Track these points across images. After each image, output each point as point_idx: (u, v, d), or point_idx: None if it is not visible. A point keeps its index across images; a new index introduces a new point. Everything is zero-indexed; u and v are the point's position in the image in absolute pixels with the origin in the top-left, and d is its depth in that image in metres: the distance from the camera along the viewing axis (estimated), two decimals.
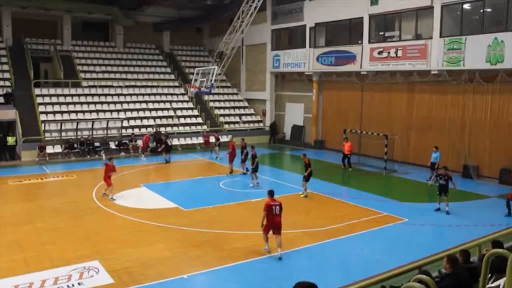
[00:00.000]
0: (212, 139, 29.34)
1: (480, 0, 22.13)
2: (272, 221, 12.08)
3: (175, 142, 31.00)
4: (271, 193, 12.44)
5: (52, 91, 31.46)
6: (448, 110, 24.06)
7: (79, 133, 28.64)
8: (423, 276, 5.05)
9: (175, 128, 32.24)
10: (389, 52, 26.08)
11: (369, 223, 15.30)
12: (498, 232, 12.05)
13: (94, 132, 29.12)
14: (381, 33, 27.68)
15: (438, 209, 16.65)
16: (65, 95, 31.37)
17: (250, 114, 37.12)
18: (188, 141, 31.75)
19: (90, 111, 30.75)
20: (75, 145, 27.86)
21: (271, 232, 12.19)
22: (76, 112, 30.30)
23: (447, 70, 23.47)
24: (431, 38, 23.98)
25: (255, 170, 20.45)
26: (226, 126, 34.58)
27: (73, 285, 10.34)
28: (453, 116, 23.80)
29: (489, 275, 5.84)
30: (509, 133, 21.42)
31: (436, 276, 7.85)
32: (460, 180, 22.28)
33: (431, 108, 24.97)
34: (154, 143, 29.43)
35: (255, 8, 30.46)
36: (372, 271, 10.24)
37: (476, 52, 21.77)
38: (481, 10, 22.52)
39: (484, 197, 19.06)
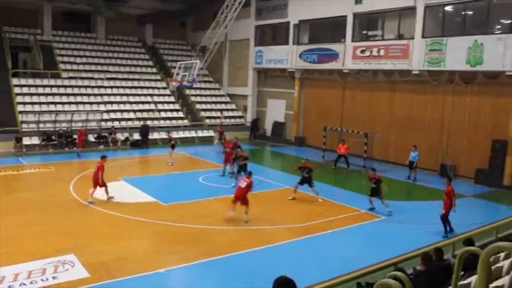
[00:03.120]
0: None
1: (462, 2, 22.41)
2: (239, 192, 14.77)
3: (155, 135, 30.86)
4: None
5: (30, 81, 30.95)
6: (428, 110, 24.36)
7: (57, 124, 28.25)
8: (398, 273, 5.10)
9: (155, 122, 32.01)
10: (371, 51, 26.26)
11: (347, 220, 15.43)
12: (471, 231, 12.24)
13: (73, 124, 28.74)
14: (364, 32, 27.87)
15: (373, 208, 16.45)
16: (44, 86, 30.87)
17: (232, 110, 37.06)
18: None
19: (70, 103, 30.32)
20: (53, 137, 27.47)
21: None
22: (55, 103, 29.84)
23: (428, 71, 23.73)
24: (413, 38, 24.20)
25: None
26: (207, 121, 34.47)
27: (47, 279, 10.19)
28: (433, 116, 24.11)
29: (462, 272, 5.93)
30: (485, 135, 21.76)
31: (411, 273, 7.97)
32: (437, 179, 22.61)
33: (412, 107, 25.23)
34: (140, 136, 29.45)
35: (240, 3, 30.33)
36: (348, 267, 10.30)
37: (456, 53, 22.04)
38: (463, 13, 22.84)
39: (459, 196, 19.21)
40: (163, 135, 30.99)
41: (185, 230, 13.90)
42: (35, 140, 27.09)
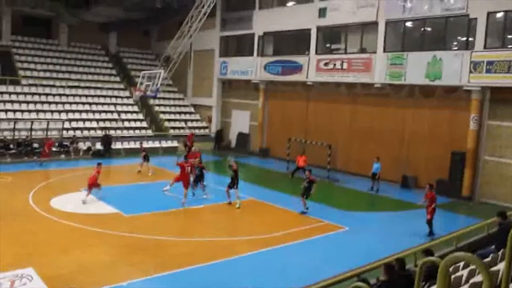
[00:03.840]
0: None
1: (421, 19, 23.14)
2: (183, 177, 17.67)
3: (118, 145, 30.34)
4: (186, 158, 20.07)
5: None
6: (389, 122, 24.89)
7: (16, 133, 27.40)
8: (360, 284, 5.17)
9: (118, 132, 31.50)
10: (335, 64, 26.71)
11: (310, 231, 15.51)
12: (432, 241, 12.55)
13: (33, 132, 27.95)
14: (328, 45, 28.36)
15: (305, 212, 17.38)
16: (2, 93, 29.93)
17: (196, 120, 36.90)
18: (132, 145, 31.07)
19: (29, 111, 29.52)
20: (11, 146, 26.62)
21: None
22: (14, 111, 28.98)
23: (389, 84, 24.32)
24: (375, 52, 24.78)
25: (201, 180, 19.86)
26: (171, 131, 34.19)
27: None
28: (394, 128, 24.65)
29: (423, 282, 6.06)
30: (445, 147, 22.40)
31: (374, 284, 8.08)
32: (399, 190, 23.11)
33: (373, 120, 25.73)
34: (102, 146, 28.97)
35: (205, 14, 30.40)
36: (312, 279, 10.36)
37: (416, 68, 22.73)
38: (422, 29, 23.60)
39: (420, 207, 19.67)
40: (126, 145, 30.60)
41: (146, 242, 13.69)
42: None
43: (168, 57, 34.06)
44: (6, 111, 28.71)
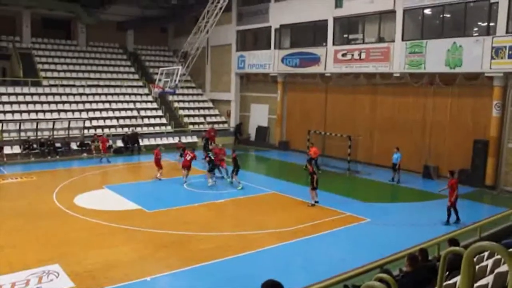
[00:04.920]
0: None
1: (439, 6, 22.73)
2: (184, 163, 20.81)
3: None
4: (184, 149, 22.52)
5: (10, 89, 30.51)
6: (410, 111, 24.60)
7: (39, 133, 27.89)
8: (384, 275, 5.14)
9: (139, 129, 31.79)
10: (353, 55, 26.47)
11: (333, 223, 15.48)
12: (455, 231, 12.40)
13: (55, 132, 28.41)
14: (345, 35, 28.09)
15: (316, 202, 17.55)
16: (24, 94, 30.50)
17: (215, 115, 37.02)
18: (152, 141, 31.37)
19: (51, 111, 29.98)
20: (35, 146, 27.10)
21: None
22: (36, 111, 29.49)
23: (408, 73, 24.01)
24: (393, 41, 24.46)
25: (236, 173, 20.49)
26: (191, 126, 34.38)
27: None
28: (415, 117, 24.34)
29: (447, 272, 6.00)
30: (466, 135, 22.06)
31: (397, 275, 8.03)
32: (421, 180, 22.86)
33: (393, 109, 25.45)
34: (128, 144, 29.48)
35: (220, 8, 30.38)
36: (335, 270, 10.34)
37: (436, 56, 22.37)
38: (441, 16, 23.18)
39: (442, 197, 19.39)
40: (146, 141, 30.93)
41: (170, 237, 13.81)
42: (16, 149, 26.69)
43: (186, 53, 34.15)
44: (28, 111, 29.24)
